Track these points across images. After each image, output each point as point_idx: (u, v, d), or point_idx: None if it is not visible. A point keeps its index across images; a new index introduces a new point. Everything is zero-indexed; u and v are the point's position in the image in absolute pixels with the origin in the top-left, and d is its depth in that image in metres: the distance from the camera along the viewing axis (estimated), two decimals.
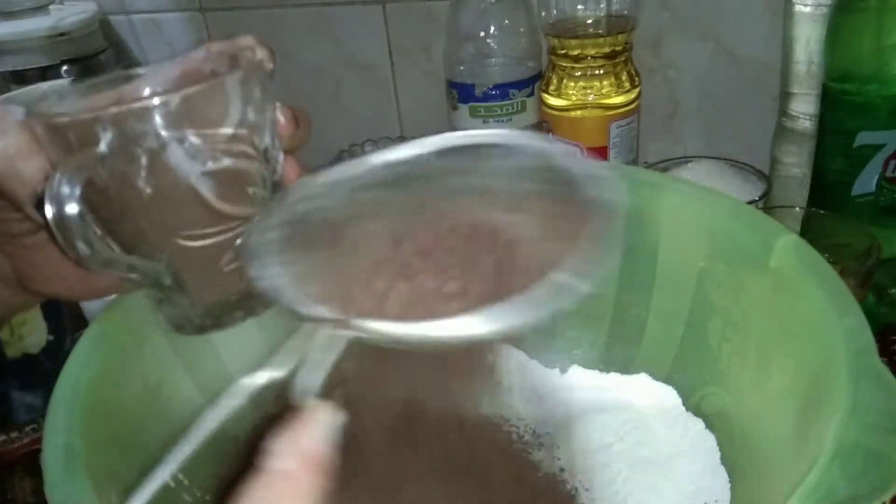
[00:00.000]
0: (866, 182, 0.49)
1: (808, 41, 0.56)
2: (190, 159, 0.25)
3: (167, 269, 0.28)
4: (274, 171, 0.28)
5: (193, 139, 0.25)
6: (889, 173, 0.49)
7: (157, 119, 0.24)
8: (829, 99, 0.49)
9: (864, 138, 0.48)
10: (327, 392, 0.20)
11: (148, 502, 0.19)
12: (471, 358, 0.25)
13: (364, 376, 0.28)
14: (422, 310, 0.22)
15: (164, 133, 0.24)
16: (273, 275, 0.22)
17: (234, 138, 0.26)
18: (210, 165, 0.25)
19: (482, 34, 0.66)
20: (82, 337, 0.33)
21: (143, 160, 0.24)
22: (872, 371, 0.26)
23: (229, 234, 0.27)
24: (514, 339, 0.21)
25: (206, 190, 0.25)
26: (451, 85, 0.68)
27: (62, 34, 0.66)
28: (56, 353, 0.39)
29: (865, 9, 0.46)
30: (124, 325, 0.34)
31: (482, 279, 0.22)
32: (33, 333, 0.38)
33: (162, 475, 0.20)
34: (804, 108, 0.58)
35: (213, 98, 0.25)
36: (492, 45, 0.66)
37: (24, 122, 0.26)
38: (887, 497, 0.22)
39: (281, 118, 0.28)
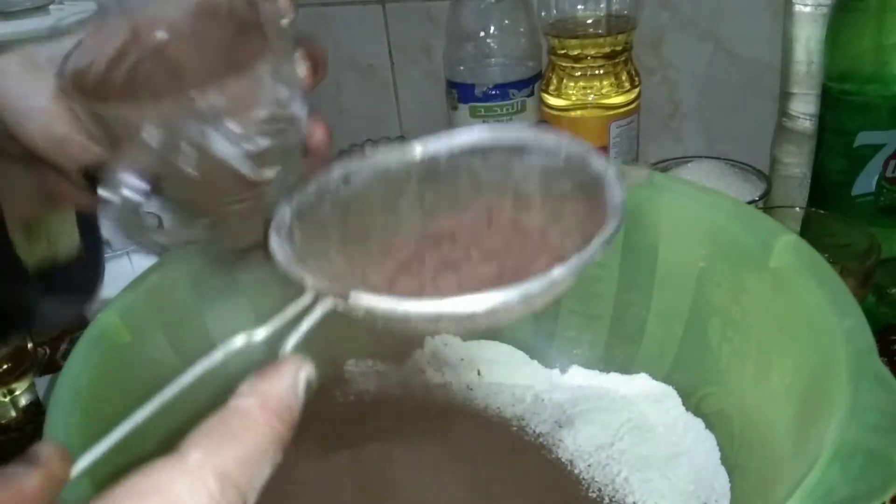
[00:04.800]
0: (866, 182, 0.49)
1: (808, 41, 0.55)
2: (231, 145, 0.26)
3: (207, 228, 0.29)
4: (300, 130, 0.29)
5: (232, 126, 0.26)
6: (889, 173, 0.49)
7: (196, 112, 0.25)
8: (829, 99, 0.49)
9: (864, 138, 0.48)
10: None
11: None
12: None
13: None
14: (418, 291, 0.23)
15: (203, 124, 0.25)
16: (287, 247, 0.23)
17: (269, 118, 0.27)
18: (249, 147, 0.27)
19: (482, 34, 0.66)
20: (82, 337, 0.33)
21: (187, 149, 0.26)
22: (872, 371, 0.26)
23: (265, 193, 0.29)
24: (497, 323, 0.23)
25: (246, 169, 0.27)
26: (451, 85, 0.68)
27: (62, 34, 0.65)
28: (86, 266, 0.38)
29: (865, 9, 0.46)
30: (124, 325, 0.34)
31: (485, 268, 0.24)
32: (67, 246, 0.38)
33: (133, 422, 0.20)
34: (804, 108, 0.58)
35: (246, 85, 0.26)
36: (492, 45, 0.66)
37: (63, 97, 0.26)
38: (887, 497, 0.22)
39: (302, 72, 0.28)
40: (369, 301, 0.21)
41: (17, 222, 0.31)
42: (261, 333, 0.21)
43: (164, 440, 0.20)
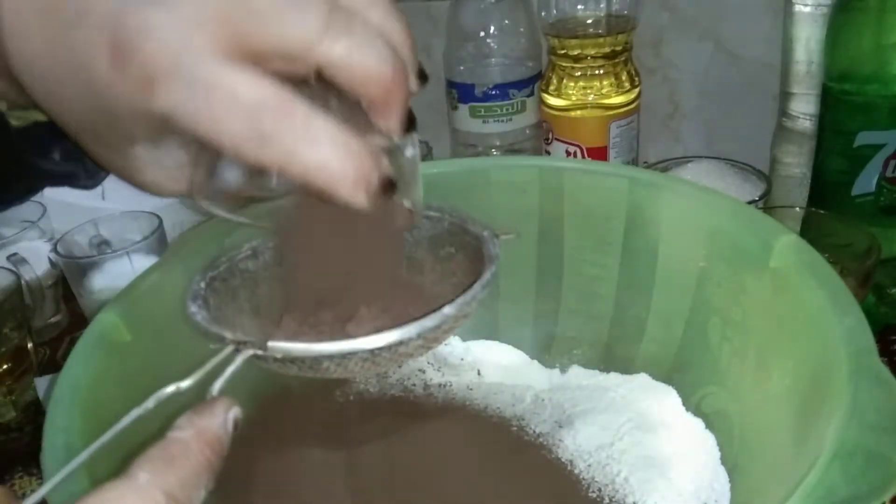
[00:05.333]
0: (866, 182, 0.49)
1: (808, 41, 0.56)
2: None
3: None
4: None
5: None
6: (889, 173, 0.49)
7: None
8: (829, 99, 0.49)
9: (864, 138, 0.48)
10: None
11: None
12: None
13: None
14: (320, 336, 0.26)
15: None
16: (204, 311, 0.27)
17: None
18: None
19: (482, 34, 0.66)
20: (82, 337, 0.33)
21: None
22: (872, 371, 0.26)
23: None
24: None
25: None
26: (451, 85, 0.68)
27: None
28: None
29: (865, 9, 0.46)
30: (124, 325, 0.34)
31: (382, 314, 0.28)
32: None
33: (65, 471, 0.22)
34: (804, 108, 0.58)
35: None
36: (492, 45, 0.66)
37: None
38: (887, 497, 0.22)
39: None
40: (285, 347, 0.24)
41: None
42: (187, 383, 0.23)
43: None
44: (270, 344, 0.24)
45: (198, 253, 0.39)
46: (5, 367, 0.50)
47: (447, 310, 0.25)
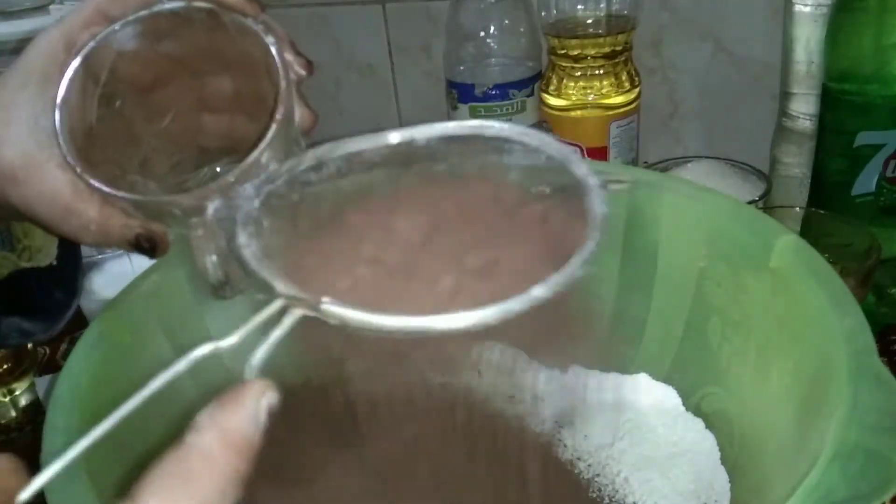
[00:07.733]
0: (866, 182, 0.49)
1: (808, 41, 0.55)
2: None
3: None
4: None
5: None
6: (889, 173, 0.49)
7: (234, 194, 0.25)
8: (829, 99, 0.49)
9: (864, 138, 0.48)
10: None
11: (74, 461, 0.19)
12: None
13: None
14: (388, 300, 0.22)
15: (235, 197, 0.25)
16: (255, 243, 0.22)
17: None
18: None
19: (482, 34, 0.65)
20: (82, 337, 0.33)
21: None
22: (872, 371, 0.26)
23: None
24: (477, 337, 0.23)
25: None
26: (451, 85, 0.68)
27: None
28: (59, 279, 0.36)
29: (865, 9, 0.46)
30: (124, 325, 0.34)
31: (462, 278, 0.23)
32: (45, 250, 0.35)
33: (87, 441, 0.19)
34: (804, 108, 0.58)
35: (254, 168, 0.27)
36: (492, 45, 0.66)
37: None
38: (887, 497, 0.22)
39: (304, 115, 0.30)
40: (340, 313, 0.20)
41: None
42: (229, 342, 0.20)
43: (165, 435, 0.20)
44: (324, 307, 0.20)
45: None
46: (5, 367, 0.50)
47: (537, 291, 0.21)
